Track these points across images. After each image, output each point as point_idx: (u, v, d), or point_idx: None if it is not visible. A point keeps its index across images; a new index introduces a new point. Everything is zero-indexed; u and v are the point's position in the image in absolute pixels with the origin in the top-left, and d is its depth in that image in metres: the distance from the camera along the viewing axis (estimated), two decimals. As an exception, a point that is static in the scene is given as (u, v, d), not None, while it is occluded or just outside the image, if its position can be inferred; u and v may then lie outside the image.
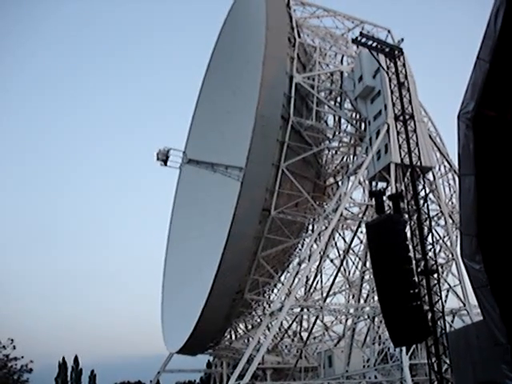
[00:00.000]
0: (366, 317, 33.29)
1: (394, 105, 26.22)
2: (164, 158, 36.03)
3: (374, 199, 19.93)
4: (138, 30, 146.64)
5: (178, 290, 39.47)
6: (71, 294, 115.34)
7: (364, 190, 36.79)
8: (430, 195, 32.65)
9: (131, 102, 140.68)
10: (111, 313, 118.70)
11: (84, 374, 69.82)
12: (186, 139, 45.20)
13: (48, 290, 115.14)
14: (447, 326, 29.58)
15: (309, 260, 33.21)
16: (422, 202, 24.72)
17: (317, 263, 36.81)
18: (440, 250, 32.87)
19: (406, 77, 26.67)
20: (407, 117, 25.38)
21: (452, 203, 34.68)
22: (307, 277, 37.84)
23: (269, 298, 39.18)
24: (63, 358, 69.49)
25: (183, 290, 38.29)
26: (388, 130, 31.59)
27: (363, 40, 27.02)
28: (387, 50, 27.08)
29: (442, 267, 32.74)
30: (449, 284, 31.66)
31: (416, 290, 15.00)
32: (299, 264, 33.41)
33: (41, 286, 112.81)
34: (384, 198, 21.46)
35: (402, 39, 31.75)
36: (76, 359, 70.07)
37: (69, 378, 69.14)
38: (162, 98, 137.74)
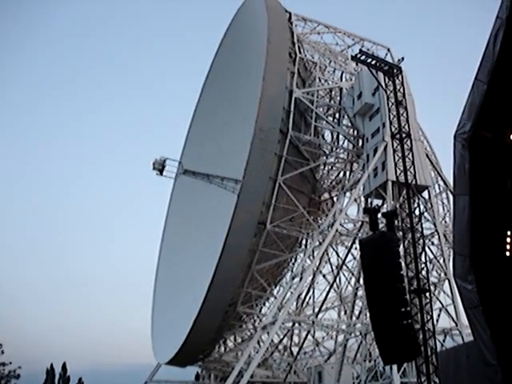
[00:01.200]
0: (358, 333, 33.26)
1: (390, 123, 26.52)
2: (160, 167, 35.84)
3: (368, 216, 20.06)
4: (136, 37, 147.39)
5: (170, 300, 39.26)
6: (61, 301, 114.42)
7: (359, 207, 36.94)
8: (425, 214, 32.99)
9: (133, 109, 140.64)
10: (100, 320, 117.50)
11: (72, 381, 68.81)
12: (181, 149, 45.22)
13: (37, 297, 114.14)
14: (439, 345, 30.02)
15: (302, 275, 33.12)
16: (416, 220, 25.08)
17: (310, 278, 36.74)
18: (433, 269, 33.10)
19: (404, 95, 26.98)
20: (404, 135, 25.71)
21: (445, 222, 34.95)
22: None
23: (260, 311, 39.04)
24: (51, 365, 68.37)
25: (175, 301, 38.06)
26: (386, 148, 31.82)
27: (362, 57, 27.32)
28: (386, 68, 27.43)
29: (434, 286, 33.00)
30: (441, 303, 31.80)
31: (407, 309, 15.00)
32: (293, 278, 33.36)
33: (30, 292, 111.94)
34: (378, 215, 21.71)
35: (403, 58, 31.99)
36: (64, 366, 68.84)
37: (56, 386, 68.07)
38: (164, 106, 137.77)
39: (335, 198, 39.29)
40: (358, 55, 27.23)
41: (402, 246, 23.47)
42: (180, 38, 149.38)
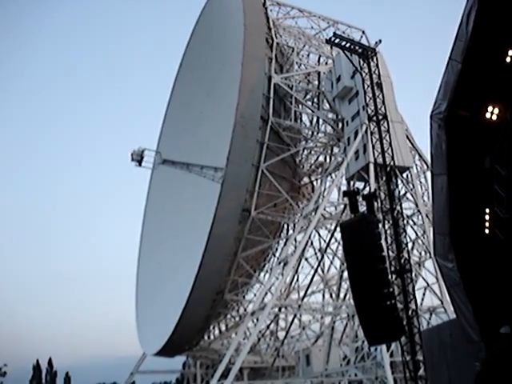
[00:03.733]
0: (345, 315, 33.58)
1: (366, 105, 26.59)
2: (139, 158, 35.61)
3: (347, 199, 20.15)
4: (109, 26, 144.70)
5: (154, 292, 38.97)
6: (45, 296, 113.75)
7: (340, 190, 37.06)
8: (408, 195, 33.28)
9: (115, 102, 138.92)
10: (85, 314, 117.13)
11: (59, 376, 68.84)
12: (157, 139, 44.76)
13: (22, 292, 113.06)
14: (425, 323, 30.43)
15: (289, 259, 33.22)
16: (396, 201, 25.23)
17: (296, 262, 36.91)
18: (418, 249, 33.48)
19: (379, 77, 27.02)
20: (380, 117, 25.80)
21: (425, 201, 35.24)
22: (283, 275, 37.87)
23: (243, 297, 39.06)
24: (37, 361, 68.30)
25: (159, 292, 37.83)
26: (366, 131, 31.88)
27: (337, 40, 27.26)
28: (360, 50, 27.43)
29: (419, 265, 33.40)
30: (426, 282, 32.20)
31: (390, 289, 15.11)
32: (280, 264, 33.49)
33: (14, 288, 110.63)
34: (358, 197, 21.81)
35: (380, 41, 31.90)
36: (50, 361, 68.87)
37: (43, 381, 67.81)
38: (141, 96, 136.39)
39: (315, 182, 39.42)
40: (332, 38, 27.12)
41: (384, 227, 23.74)
42: (153, 25, 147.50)
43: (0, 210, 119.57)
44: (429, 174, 35.48)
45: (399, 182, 32.37)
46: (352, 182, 33.40)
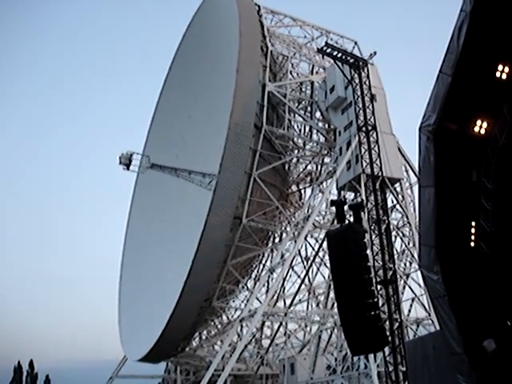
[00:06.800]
0: (333, 324, 33.57)
1: (356, 116, 26.83)
2: (127, 161, 35.34)
3: (335, 208, 20.20)
4: (98, 28, 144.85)
5: (138, 297, 38.29)
6: (27, 298, 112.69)
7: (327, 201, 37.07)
8: (398, 206, 33.41)
9: (107, 105, 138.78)
10: (67, 317, 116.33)
11: (39, 378, 68.02)
12: (143, 143, 44.30)
13: (2, 293, 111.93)
14: (412, 335, 30.49)
15: (283, 266, 33.13)
16: (385, 212, 25.38)
17: (286, 270, 36.89)
18: (406, 260, 33.60)
19: (369, 88, 27.24)
20: (370, 128, 25.96)
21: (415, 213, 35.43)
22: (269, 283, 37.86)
23: (230, 304, 38.89)
24: (18, 362, 67.51)
25: (144, 297, 37.16)
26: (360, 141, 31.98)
27: (328, 50, 27.50)
28: (352, 61, 27.66)
29: (407, 276, 33.51)
30: (414, 293, 32.30)
31: (374, 300, 15.15)
32: (270, 272, 33.52)
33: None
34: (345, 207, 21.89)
35: (375, 52, 32.33)
36: (31, 363, 68.09)
37: (24, 383, 67.20)
38: (132, 100, 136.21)
39: (303, 191, 39.58)
40: (324, 48, 27.46)
41: (370, 238, 23.85)
42: (144, 29, 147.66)
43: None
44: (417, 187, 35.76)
45: (389, 193, 32.70)
46: (342, 193, 33.53)
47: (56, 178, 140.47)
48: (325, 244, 36.26)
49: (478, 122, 12.43)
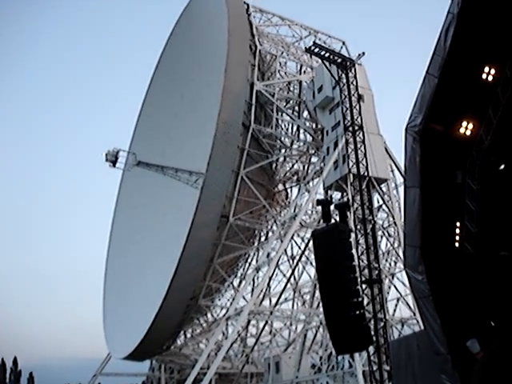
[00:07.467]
0: (318, 323, 33.64)
1: (344, 116, 26.94)
2: (113, 159, 35.11)
3: (321, 208, 20.25)
4: (86, 23, 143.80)
5: (124, 295, 38.12)
6: (10, 295, 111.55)
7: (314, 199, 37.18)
8: (384, 206, 33.56)
9: (91, 102, 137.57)
10: (53, 313, 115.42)
11: (23, 375, 67.54)
12: (130, 141, 44.06)
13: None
14: (397, 334, 30.65)
15: (269, 265, 33.18)
16: (370, 211, 25.49)
17: (272, 269, 36.93)
18: (392, 260, 33.76)
19: (356, 88, 27.36)
20: (356, 128, 26.08)
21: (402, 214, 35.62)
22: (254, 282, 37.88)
23: (215, 303, 38.87)
24: (2, 359, 66.75)
25: (130, 295, 37.02)
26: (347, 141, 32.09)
27: (316, 50, 27.57)
28: (339, 61, 27.74)
29: (392, 276, 33.68)
30: (399, 293, 32.45)
31: (359, 299, 15.21)
32: (256, 270, 33.53)
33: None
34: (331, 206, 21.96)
35: (363, 53, 32.36)
36: (15, 361, 67.66)
37: (7, 380, 66.63)
38: (119, 97, 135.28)
39: (290, 190, 39.69)
40: (312, 47, 27.54)
41: (356, 237, 23.96)
42: (131, 24, 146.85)
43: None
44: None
45: (376, 193, 32.85)
46: (329, 192, 33.60)
47: (43, 177, 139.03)
48: (311, 243, 36.37)
49: (464, 124, 12.53)
